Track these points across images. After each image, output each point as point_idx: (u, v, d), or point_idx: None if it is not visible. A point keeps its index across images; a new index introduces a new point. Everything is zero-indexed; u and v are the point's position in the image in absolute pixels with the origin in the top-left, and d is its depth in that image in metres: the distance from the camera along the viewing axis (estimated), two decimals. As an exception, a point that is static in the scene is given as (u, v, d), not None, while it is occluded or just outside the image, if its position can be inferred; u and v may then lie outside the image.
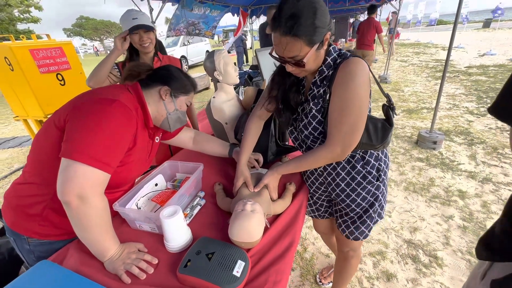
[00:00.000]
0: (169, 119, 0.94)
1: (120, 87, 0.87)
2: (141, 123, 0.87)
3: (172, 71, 0.95)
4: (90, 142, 0.68)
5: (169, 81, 0.92)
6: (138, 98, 0.87)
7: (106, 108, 0.73)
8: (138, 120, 0.84)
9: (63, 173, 0.67)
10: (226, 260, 0.71)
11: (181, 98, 0.96)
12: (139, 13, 1.31)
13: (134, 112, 0.81)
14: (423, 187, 2.33)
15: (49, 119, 0.77)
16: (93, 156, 0.68)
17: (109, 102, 0.74)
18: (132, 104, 0.82)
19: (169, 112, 0.93)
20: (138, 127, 0.83)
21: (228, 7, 5.20)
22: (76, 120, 0.71)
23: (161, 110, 0.92)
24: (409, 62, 8.68)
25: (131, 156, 0.84)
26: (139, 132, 0.84)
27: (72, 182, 0.66)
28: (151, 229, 0.88)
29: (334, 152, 0.80)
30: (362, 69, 0.75)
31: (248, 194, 0.95)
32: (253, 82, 3.90)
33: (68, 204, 0.66)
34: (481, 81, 5.61)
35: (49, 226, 0.82)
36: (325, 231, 1.34)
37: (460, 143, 3.06)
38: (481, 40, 12.82)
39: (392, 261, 1.64)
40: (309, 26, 0.68)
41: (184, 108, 1.00)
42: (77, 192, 0.66)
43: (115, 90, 0.82)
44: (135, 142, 0.83)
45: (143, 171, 1.00)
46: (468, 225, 1.88)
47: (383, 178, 0.92)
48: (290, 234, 0.85)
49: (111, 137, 0.72)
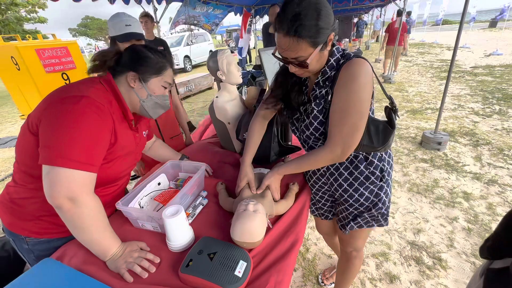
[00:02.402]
0: (145, 107, 0.87)
1: (91, 80, 0.81)
2: (119, 116, 0.82)
3: (138, 51, 0.84)
4: (67, 145, 0.66)
5: (135, 64, 0.82)
6: (111, 89, 0.81)
7: (73, 108, 0.69)
8: (115, 114, 0.79)
9: (47, 179, 0.66)
10: (228, 260, 0.71)
11: (153, 80, 0.85)
12: (132, 20, 1.26)
13: (107, 106, 0.76)
14: (427, 188, 2.31)
15: (23, 124, 0.75)
16: (73, 159, 0.66)
17: (76, 100, 0.70)
18: (105, 98, 0.77)
19: (142, 100, 0.85)
20: (116, 121, 0.79)
21: (232, 7, 5.21)
22: (48, 124, 0.69)
23: (133, 99, 0.85)
24: (414, 62, 8.60)
25: (116, 152, 0.81)
26: (117, 126, 0.80)
27: (58, 186, 0.65)
28: (154, 228, 0.89)
29: (334, 153, 0.80)
30: (364, 70, 0.74)
31: (250, 194, 0.95)
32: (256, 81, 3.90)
33: (60, 208, 0.66)
34: (487, 81, 5.54)
35: (46, 224, 0.82)
36: (328, 231, 1.33)
37: (465, 144, 3.03)
38: (487, 40, 12.65)
39: (395, 262, 1.63)
40: (313, 27, 0.68)
41: (160, 92, 0.88)
42: (66, 195, 0.65)
43: (84, 85, 0.77)
44: (116, 138, 0.80)
45: (134, 164, 0.98)
46: (473, 227, 1.85)
47: (387, 178, 0.91)
48: (293, 234, 0.85)
49: (86, 136, 0.69)
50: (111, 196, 0.93)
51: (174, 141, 1.62)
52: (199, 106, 5.49)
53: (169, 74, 0.90)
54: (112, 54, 0.85)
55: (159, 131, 1.52)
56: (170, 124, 1.58)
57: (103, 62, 0.84)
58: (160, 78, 0.87)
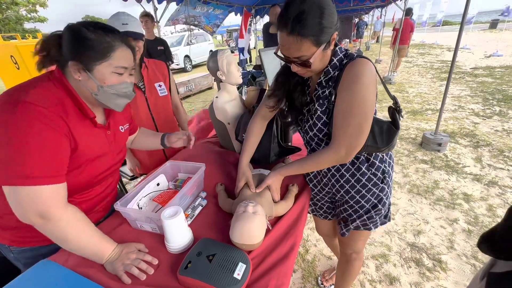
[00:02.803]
0: (100, 100, 0.73)
1: (40, 78, 0.71)
2: (76, 115, 0.72)
3: (73, 31, 0.67)
4: (18, 162, 0.60)
5: (74, 51, 0.67)
6: (62, 85, 0.70)
7: (12, 118, 0.60)
8: (69, 114, 0.69)
9: (10, 199, 0.62)
10: (227, 262, 0.70)
11: (98, 68, 0.69)
12: (130, 19, 1.22)
13: (55, 107, 0.66)
14: (427, 190, 2.30)
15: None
16: (30, 175, 0.60)
17: (11, 108, 0.61)
18: (52, 98, 0.67)
19: (94, 93, 0.71)
20: (71, 123, 0.69)
21: (232, 7, 5.20)
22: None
23: (84, 92, 0.72)
24: (414, 63, 8.60)
25: (81, 157, 0.74)
26: (75, 128, 0.71)
27: (24, 206, 0.61)
28: (152, 229, 0.88)
29: (339, 155, 0.79)
30: (368, 70, 0.73)
31: (250, 195, 0.94)
32: (256, 82, 3.89)
33: (34, 225, 0.64)
34: (487, 82, 5.54)
35: (26, 233, 0.77)
36: (328, 233, 1.32)
37: (465, 146, 3.02)
38: (488, 41, 12.66)
39: (395, 264, 1.62)
40: (316, 25, 0.67)
41: (113, 80, 0.71)
42: (34, 213, 0.62)
43: (27, 86, 0.67)
44: (75, 142, 0.71)
45: (116, 163, 0.90)
46: (473, 229, 1.85)
47: (388, 180, 0.91)
48: (292, 236, 0.84)
49: (36, 148, 0.61)
50: (97, 199, 0.89)
51: None
52: (199, 106, 5.48)
53: (120, 55, 0.71)
54: (53, 40, 0.68)
55: (156, 131, 1.50)
56: (169, 123, 1.57)
57: (47, 53, 0.69)
58: (107, 63, 0.69)
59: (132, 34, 1.21)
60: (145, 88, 1.39)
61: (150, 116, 1.43)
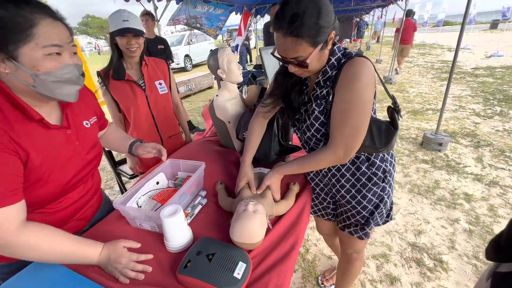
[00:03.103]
0: (43, 92, 0.61)
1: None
2: (20, 119, 0.62)
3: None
4: None
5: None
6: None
7: None
8: (8, 119, 0.60)
9: None
10: (227, 261, 0.69)
11: (24, 51, 0.55)
12: (131, 16, 1.23)
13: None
14: (428, 190, 2.30)
15: None
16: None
17: None
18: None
19: (31, 85, 0.59)
20: (13, 131, 0.60)
21: (232, 6, 5.19)
22: None
23: (19, 87, 0.61)
24: (414, 63, 8.59)
25: (40, 166, 0.65)
26: (20, 135, 0.61)
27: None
28: (152, 228, 0.87)
29: (336, 155, 0.78)
30: (367, 69, 0.72)
31: (250, 194, 0.93)
32: (256, 81, 3.88)
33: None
34: (488, 82, 5.53)
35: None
36: (329, 232, 1.31)
37: (466, 145, 3.01)
38: (488, 41, 12.64)
39: (396, 264, 1.61)
40: (313, 26, 0.66)
41: (48, 66, 0.58)
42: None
43: None
44: (25, 152, 0.62)
45: (82, 166, 0.78)
46: (474, 229, 1.84)
47: (389, 179, 0.90)
48: (293, 235, 0.83)
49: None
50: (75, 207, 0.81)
51: (173, 140, 1.60)
52: (200, 106, 5.47)
53: (47, 31, 0.57)
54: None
55: (157, 130, 1.49)
56: (169, 122, 1.56)
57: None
58: (32, 44, 0.55)
59: (133, 30, 1.22)
60: (145, 86, 1.38)
61: (150, 114, 1.43)
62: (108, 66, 1.33)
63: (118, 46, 1.28)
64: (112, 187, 2.72)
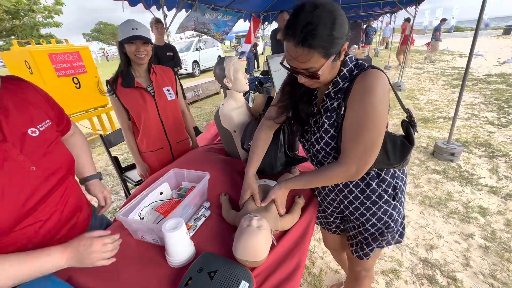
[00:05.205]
0: None
1: None
2: None
3: None
4: None
5: None
6: None
7: None
8: None
9: None
10: (229, 280, 0.66)
11: None
12: (140, 25, 1.27)
13: None
14: (440, 202, 2.21)
15: None
16: None
17: None
18: None
19: None
20: None
21: (241, 13, 5.25)
22: None
23: None
24: (424, 70, 8.44)
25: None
26: None
27: None
28: (154, 241, 0.85)
29: (348, 172, 0.74)
30: (381, 82, 0.68)
31: (254, 208, 0.90)
32: (263, 88, 3.88)
33: None
34: (502, 90, 5.36)
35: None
36: (336, 247, 1.27)
37: (480, 156, 2.90)
38: (501, 47, 12.34)
39: (407, 281, 1.54)
40: (326, 37, 0.62)
41: None
42: None
43: None
44: None
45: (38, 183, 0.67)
46: (490, 245, 1.75)
47: (400, 196, 0.86)
48: (298, 253, 0.80)
49: None
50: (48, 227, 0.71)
51: (181, 146, 1.61)
52: (206, 111, 5.50)
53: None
54: None
55: (165, 136, 1.51)
56: (177, 126, 1.58)
57: None
58: None
59: (142, 38, 1.26)
60: (154, 92, 1.41)
61: (159, 120, 1.46)
62: (117, 74, 1.36)
63: (127, 55, 1.31)
64: (118, 192, 2.74)
